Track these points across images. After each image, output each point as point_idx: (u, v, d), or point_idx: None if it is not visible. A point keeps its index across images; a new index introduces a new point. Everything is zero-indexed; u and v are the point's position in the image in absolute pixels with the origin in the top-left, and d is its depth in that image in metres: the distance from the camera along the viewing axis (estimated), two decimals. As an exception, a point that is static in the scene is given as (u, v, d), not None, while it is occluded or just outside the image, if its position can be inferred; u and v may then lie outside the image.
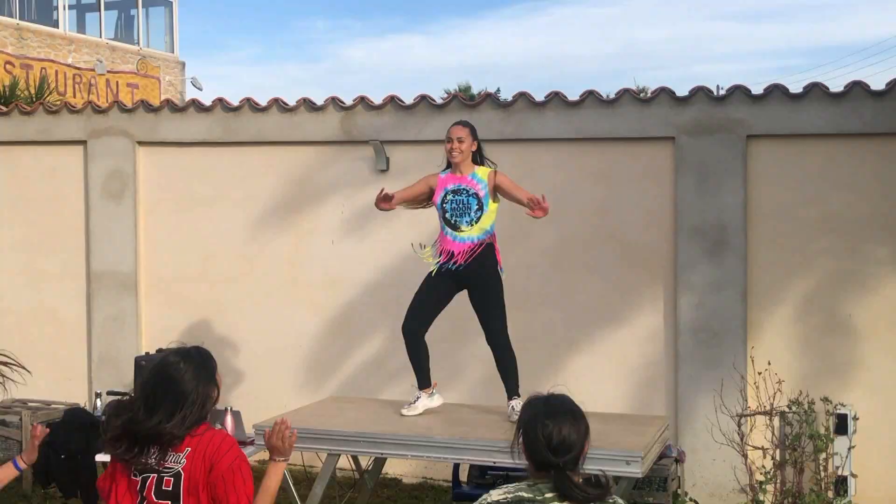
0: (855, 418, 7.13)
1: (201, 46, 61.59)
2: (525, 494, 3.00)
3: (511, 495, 3.03)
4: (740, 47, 65.71)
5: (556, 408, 3.06)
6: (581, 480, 3.01)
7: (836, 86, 7.79)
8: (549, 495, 2.98)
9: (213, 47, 68.91)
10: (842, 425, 7.25)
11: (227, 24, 72.96)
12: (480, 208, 6.04)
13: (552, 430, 2.98)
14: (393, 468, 8.64)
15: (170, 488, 3.46)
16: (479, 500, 3.11)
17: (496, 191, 6.11)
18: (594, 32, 66.93)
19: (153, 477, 3.48)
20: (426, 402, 6.31)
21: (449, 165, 6.21)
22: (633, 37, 64.74)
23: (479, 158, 6.22)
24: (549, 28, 68.68)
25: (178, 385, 3.50)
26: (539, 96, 8.38)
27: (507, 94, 8.47)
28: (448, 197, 6.09)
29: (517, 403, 6.00)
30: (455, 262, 6.09)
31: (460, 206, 6.04)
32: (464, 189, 6.09)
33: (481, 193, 6.07)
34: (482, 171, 6.12)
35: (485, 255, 6.08)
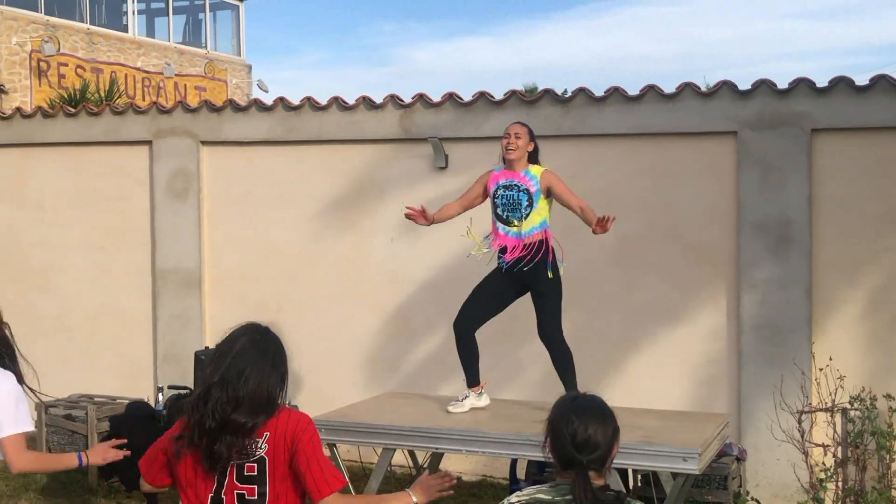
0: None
1: (272, 51, 62.24)
2: (543, 497, 2.94)
3: (529, 497, 2.97)
4: (809, 45, 64.40)
5: (583, 406, 3.02)
6: (601, 484, 2.94)
7: None
8: (568, 497, 2.91)
9: (284, 52, 69.60)
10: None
11: (297, 28, 73.67)
12: (531, 204, 6.04)
13: (577, 427, 2.93)
14: (453, 465, 8.62)
15: (254, 473, 3.32)
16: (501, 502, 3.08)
17: (548, 190, 6.09)
18: (660, 33, 66.12)
19: (233, 465, 3.31)
20: (473, 400, 6.29)
21: (504, 162, 6.19)
22: (699, 36, 63.85)
23: (534, 159, 6.21)
24: (615, 29, 68.07)
25: (252, 369, 3.36)
26: (599, 92, 8.30)
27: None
28: (499, 192, 6.10)
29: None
30: (507, 258, 6.07)
31: (511, 201, 6.05)
32: (515, 184, 6.09)
33: (532, 189, 6.07)
34: (535, 169, 6.13)
35: (536, 252, 6.04)
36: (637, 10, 66.53)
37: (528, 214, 6.02)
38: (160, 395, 7.05)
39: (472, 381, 6.32)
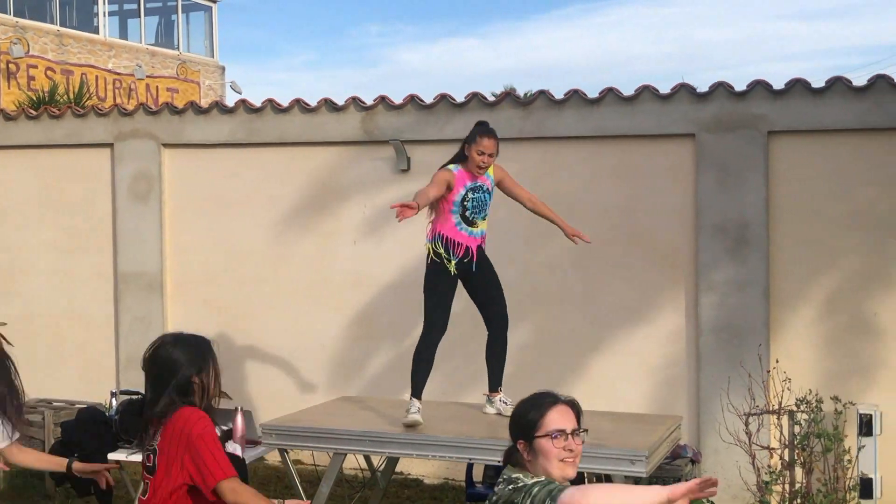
0: (878, 418, 6.96)
1: (258, 53, 62.16)
2: (515, 475, 3.21)
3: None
4: (800, 46, 64.75)
5: (540, 398, 3.34)
6: None
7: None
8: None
9: (270, 54, 69.55)
10: (868, 426, 7.09)
11: (283, 30, 73.59)
12: (484, 207, 6.12)
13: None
14: (414, 468, 8.64)
15: (150, 464, 3.71)
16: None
17: (499, 184, 6.18)
18: (650, 33, 66.33)
19: (147, 454, 3.75)
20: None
21: (456, 161, 6.13)
22: (690, 37, 64.05)
23: None
24: (605, 29, 68.23)
25: (166, 367, 3.72)
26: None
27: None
28: (469, 195, 6.04)
29: (504, 397, 6.11)
30: (471, 258, 6.06)
31: (480, 203, 6.06)
32: (480, 186, 6.08)
33: (491, 188, 6.14)
34: (491, 168, 6.12)
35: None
36: (626, 11, 66.79)
37: (488, 213, 6.13)
38: (113, 399, 7.00)
39: (416, 392, 6.21)
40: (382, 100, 8.80)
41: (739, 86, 7.80)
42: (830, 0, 67.98)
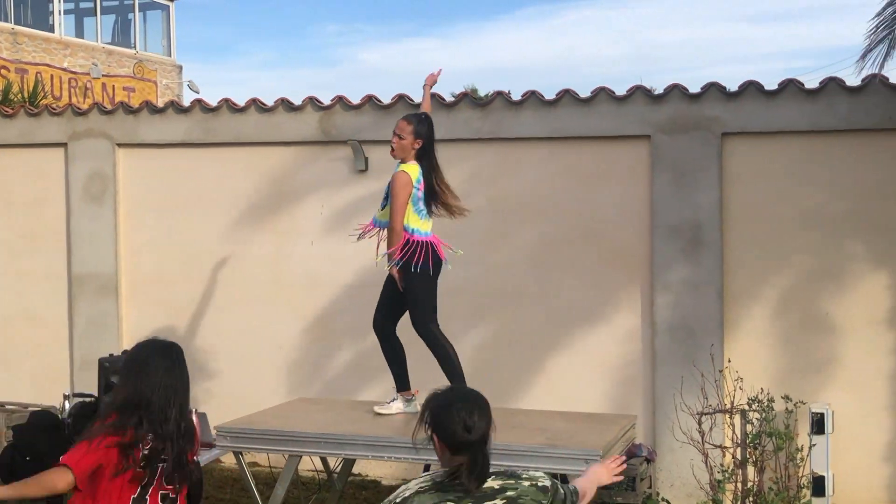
0: (829, 416, 7.06)
1: (216, 52, 61.65)
2: (443, 480, 3.17)
3: (429, 482, 3.18)
4: (754, 49, 65.38)
5: (459, 394, 3.30)
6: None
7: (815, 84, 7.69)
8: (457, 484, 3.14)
9: (229, 53, 69.01)
10: (820, 424, 7.19)
11: (242, 29, 73.07)
12: (386, 198, 6.07)
13: (465, 414, 3.17)
14: (372, 470, 8.62)
15: None
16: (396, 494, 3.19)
17: None
18: (609, 35, 66.65)
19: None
20: (401, 405, 6.26)
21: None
22: (648, 39, 64.47)
23: (422, 156, 6.04)
24: (564, 30, 68.46)
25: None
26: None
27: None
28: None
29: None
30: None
31: (386, 192, 6.09)
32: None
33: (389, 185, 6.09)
34: (402, 166, 6.03)
35: (389, 246, 6.04)
36: (586, 13, 67.09)
37: (383, 207, 6.08)
38: (66, 402, 6.91)
39: (400, 385, 6.29)
40: (340, 100, 8.77)
41: (694, 88, 7.88)
42: (783, 3, 68.73)
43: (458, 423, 3.14)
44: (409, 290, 6.04)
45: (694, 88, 7.88)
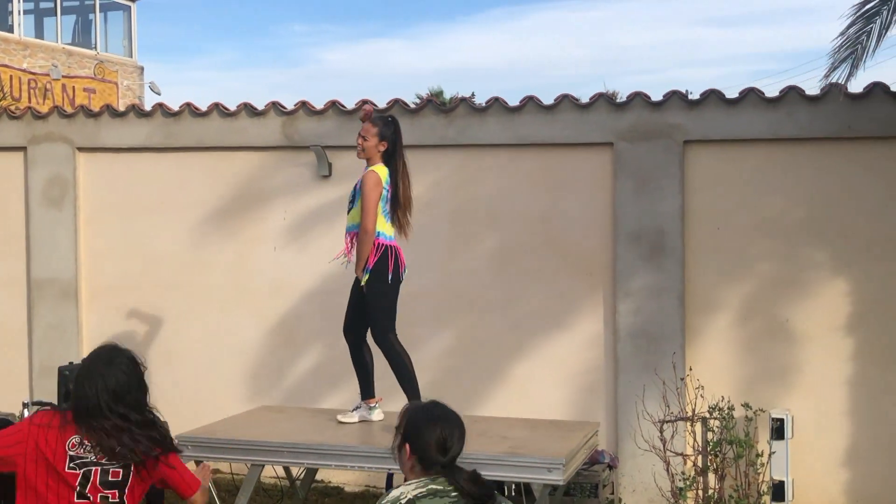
0: (789, 422, 7.14)
1: (177, 52, 61.16)
2: (436, 487, 3.19)
3: (424, 489, 3.19)
4: (718, 52, 65.98)
5: (442, 412, 3.32)
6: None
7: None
8: (454, 493, 3.19)
9: (190, 53, 68.47)
10: (780, 430, 7.27)
11: (204, 29, 72.54)
12: (352, 201, 6.04)
13: (444, 433, 3.23)
14: (335, 477, 8.59)
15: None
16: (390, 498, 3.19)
17: None
18: (573, 37, 66.95)
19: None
20: (364, 412, 6.25)
21: None
22: (612, 41, 64.83)
23: (389, 159, 6.04)
24: (528, 32, 68.65)
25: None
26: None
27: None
28: (357, 185, 6.11)
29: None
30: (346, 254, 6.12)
31: (351, 196, 6.06)
32: (358, 181, 6.10)
33: (358, 187, 6.05)
34: (372, 168, 6.00)
35: (357, 251, 5.98)
36: (551, 15, 67.28)
37: (349, 210, 6.05)
38: (26, 410, 6.84)
39: (365, 392, 6.27)
40: (303, 105, 8.74)
41: (657, 93, 7.95)
42: (745, 7, 69.43)
43: (438, 441, 3.21)
44: (377, 297, 6.00)
45: (658, 92, 7.98)
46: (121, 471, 3.59)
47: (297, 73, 65.70)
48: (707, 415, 6.43)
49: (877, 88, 7.39)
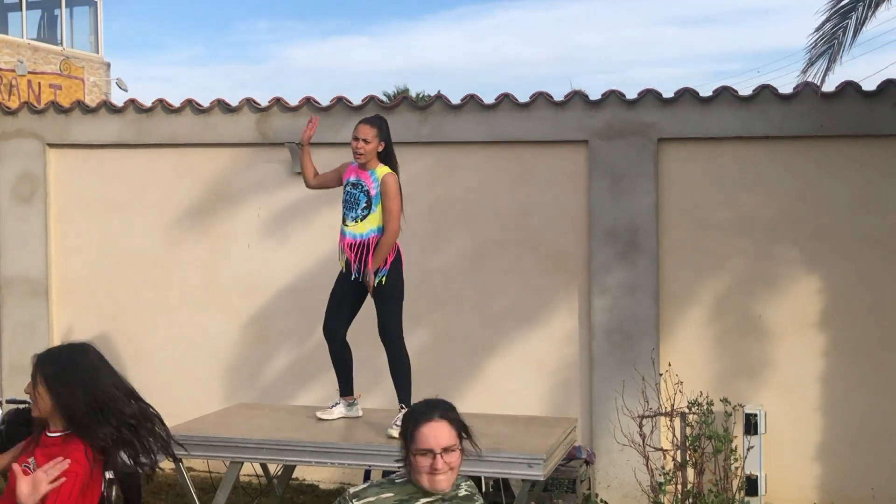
0: (761, 417, 7.21)
1: (140, 47, 60.62)
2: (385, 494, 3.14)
3: (375, 498, 3.14)
4: (681, 52, 66.50)
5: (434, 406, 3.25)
6: None
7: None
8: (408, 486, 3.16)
9: (153, 48, 67.89)
10: (752, 425, 7.34)
11: (167, 24, 71.96)
12: (368, 207, 5.91)
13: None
14: (310, 474, 8.57)
15: None
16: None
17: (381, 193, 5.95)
18: (538, 36, 67.22)
19: None
20: (343, 409, 6.24)
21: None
22: (576, 41, 65.13)
23: (386, 158, 6.02)
24: (493, 31, 68.80)
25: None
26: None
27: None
28: (347, 188, 6.03)
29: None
30: (346, 257, 5.98)
31: (351, 200, 5.95)
32: (360, 184, 5.97)
33: (373, 192, 5.93)
34: (382, 171, 5.95)
35: (379, 253, 5.90)
36: (515, 14, 67.44)
37: (364, 216, 5.90)
38: (-1, 409, 6.76)
39: (344, 389, 6.25)
40: (277, 101, 8.70)
41: (630, 92, 7.99)
42: (710, 6, 70.05)
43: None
44: (396, 298, 5.99)
45: (625, 91, 8.00)
46: None
47: (261, 69, 65.37)
48: (686, 410, 6.47)
49: (849, 88, 7.48)
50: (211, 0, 71.69)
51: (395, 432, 5.60)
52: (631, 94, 7.97)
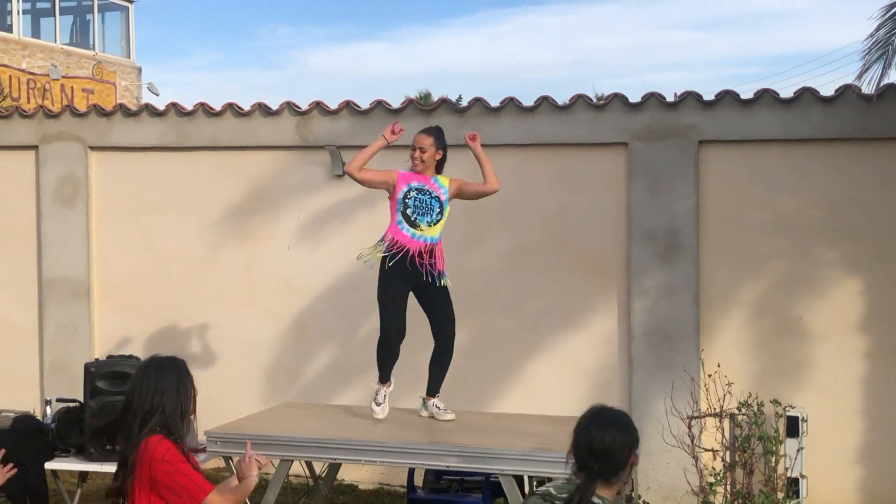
0: (804, 420, 7.21)
1: (160, 52, 60.93)
2: (552, 492, 3.28)
3: (544, 489, 3.32)
4: (697, 56, 66.29)
5: (604, 417, 3.33)
6: (609, 493, 3.22)
7: (789, 93, 7.85)
8: (564, 495, 3.22)
9: (173, 53, 68.21)
10: (793, 427, 7.34)
11: (188, 30, 72.31)
12: (441, 212, 6.13)
13: (595, 436, 3.24)
14: (349, 474, 8.62)
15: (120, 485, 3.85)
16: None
17: (457, 196, 6.24)
18: (553, 41, 67.20)
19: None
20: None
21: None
22: (591, 45, 65.06)
23: (440, 166, 6.27)
24: (510, 36, 68.82)
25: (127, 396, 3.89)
26: (496, 103, 8.38)
27: (466, 102, 8.46)
28: (412, 193, 6.11)
29: (438, 402, 6.25)
30: (411, 259, 6.05)
31: (424, 205, 6.10)
32: (427, 190, 6.14)
33: (443, 198, 6.16)
34: (443, 179, 6.21)
35: (438, 256, 6.15)
36: (531, 19, 67.39)
37: (437, 221, 6.11)
38: (48, 408, 6.85)
39: (385, 378, 6.31)
40: (318, 105, 8.78)
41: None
42: (727, 11, 69.83)
43: (585, 446, 3.24)
44: (448, 297, 6.28)
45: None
46: None
47: (280, 74, 65.58)
48: (736, 411, 6.48)
49: (890, 90, 7.47)
50: (232, 6, 72.01)
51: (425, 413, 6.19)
52: (671, 97, 8.00)
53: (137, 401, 3.81)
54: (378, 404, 6.19)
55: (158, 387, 3.85)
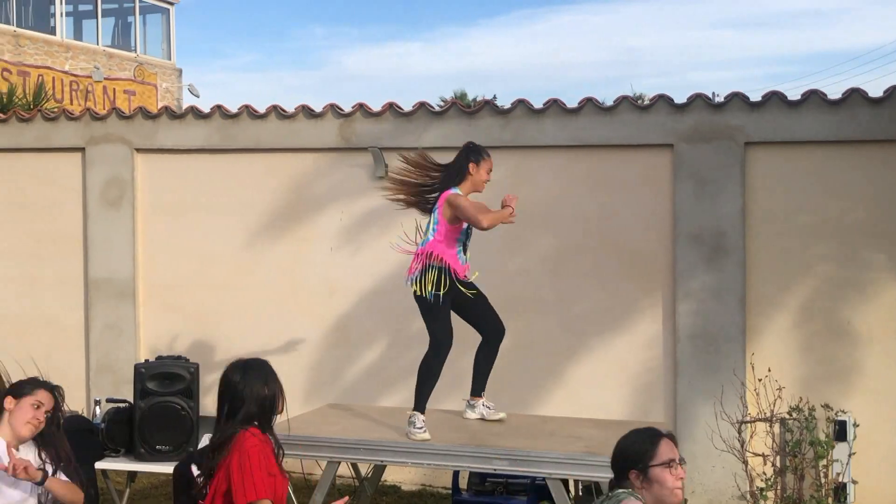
0: (855, 425, 7.14)
1: (198, 54, 61.54)
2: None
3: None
4: (736, 55, 65.92)
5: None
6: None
7: (831, 93, 7.82)
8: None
9: (210, 54, 68.83)
10: (841, 432, 7.26)
11: (225, 31, 72.95)
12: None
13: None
14: (392, 475, 8.64)
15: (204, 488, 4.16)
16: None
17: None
18: (591, 40, 67.10)
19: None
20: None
21: (454, 182, 6.12)
22: (629, 44, 64.86)
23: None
24: (546, 35, 68.79)
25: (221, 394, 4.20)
26: (536, 104, 8.39)
27: (503, 102, 8.51)
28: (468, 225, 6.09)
29: (487, 402, 6.28)
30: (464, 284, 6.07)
31: (470, 234, 6.12)
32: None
33: None
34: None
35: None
36: (567, 18, 67.31)
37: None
38: (97, 408, 6.92)
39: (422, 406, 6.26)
40: (361, 107, 8.81)
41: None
42: (767, 10, 69.30)
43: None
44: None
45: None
46: None
47: (316, 75, 65.87)
48: (787, 415, 6.43)
49: (940, 90, 7.38)
50: (267, 7, 72.45)
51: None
52: (717, 98, 7.94)
53: (239, 394, 4.16)
54: (418, 428, 6.01)
55: (258, 382, 4.29)
